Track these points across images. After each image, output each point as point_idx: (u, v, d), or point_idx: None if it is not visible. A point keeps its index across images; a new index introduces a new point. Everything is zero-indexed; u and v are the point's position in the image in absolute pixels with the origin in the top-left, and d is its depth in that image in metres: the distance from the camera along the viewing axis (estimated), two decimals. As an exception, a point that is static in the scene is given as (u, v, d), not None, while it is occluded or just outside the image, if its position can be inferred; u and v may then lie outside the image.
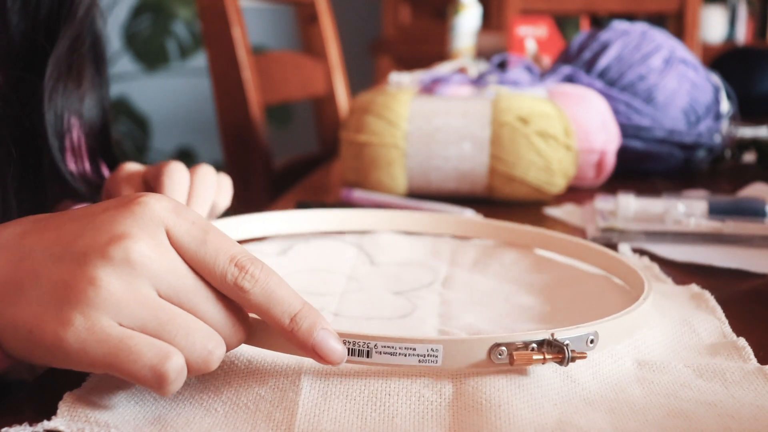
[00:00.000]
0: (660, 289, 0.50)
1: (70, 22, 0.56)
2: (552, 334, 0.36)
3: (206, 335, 0.33)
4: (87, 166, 0.63)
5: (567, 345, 0.35)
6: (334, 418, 0.33)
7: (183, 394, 0.35)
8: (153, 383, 0.32)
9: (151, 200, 0.35)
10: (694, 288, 0.50)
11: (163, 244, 0.34)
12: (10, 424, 0.32)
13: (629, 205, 0.71)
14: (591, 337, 0.37)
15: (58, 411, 0.33)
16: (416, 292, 0.50)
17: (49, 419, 0.33)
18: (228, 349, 0.35)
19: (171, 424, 0.33)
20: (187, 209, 0.36)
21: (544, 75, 1.01)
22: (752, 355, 0.40)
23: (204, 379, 0.36)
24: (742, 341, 0.41)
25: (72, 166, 0.60)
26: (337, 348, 0.35)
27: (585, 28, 2.40)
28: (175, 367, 0.32)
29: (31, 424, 0.32)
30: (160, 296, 0.34)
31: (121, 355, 0.32)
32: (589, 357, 0.38)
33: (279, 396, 0.35)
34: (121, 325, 0.32)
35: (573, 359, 0.35)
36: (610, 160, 0.90)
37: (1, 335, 0.33)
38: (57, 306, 0.33)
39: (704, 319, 0.44)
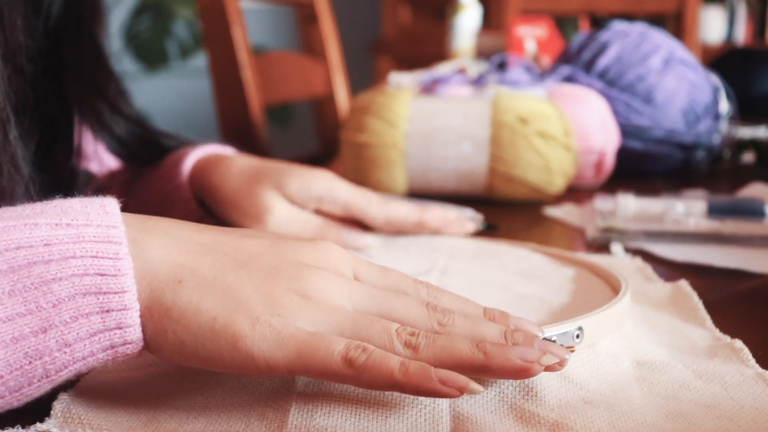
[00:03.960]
0: (649, 293, 0.50)
1: (77, 31, 0.56)
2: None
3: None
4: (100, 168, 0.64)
5: (554, 341, 0.36)
6: (328, 415, 0.33)
7: (176, 395, 0.35)
8: (344, 371, 0.32)
9: (333, 245, 0.38)
10: (682, 286, 0.50)
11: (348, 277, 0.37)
12: (2, 427, 0.31)
13: (628, 205, 0.71)
14: (576, 332, 0.38)
15: (52, 412, 0.33)
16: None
17: (41, 421, 0.32)
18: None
19: (164, 426, 0.32)
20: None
21: (543, 75, 1.01)
22: (751, 357, 0.39)
23: (196, 380, 0.36)
24: (739, 343, 0.41)
25: (88, 167, 0.61)
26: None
27: (584, 28, 2.40)
28: (371, 355, 0.32)
29: (23, 427, 0.31)
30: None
31: (313, 345, 0.32)
32: (587, 357, 0.38)
33: (272, 394, 0.35)
34: None
35: None
36: (610, 160, 0.90)
37: (171, 314, 0.32)
38: (251, 306, 0.33)
39: (694, 329, 0.44)
